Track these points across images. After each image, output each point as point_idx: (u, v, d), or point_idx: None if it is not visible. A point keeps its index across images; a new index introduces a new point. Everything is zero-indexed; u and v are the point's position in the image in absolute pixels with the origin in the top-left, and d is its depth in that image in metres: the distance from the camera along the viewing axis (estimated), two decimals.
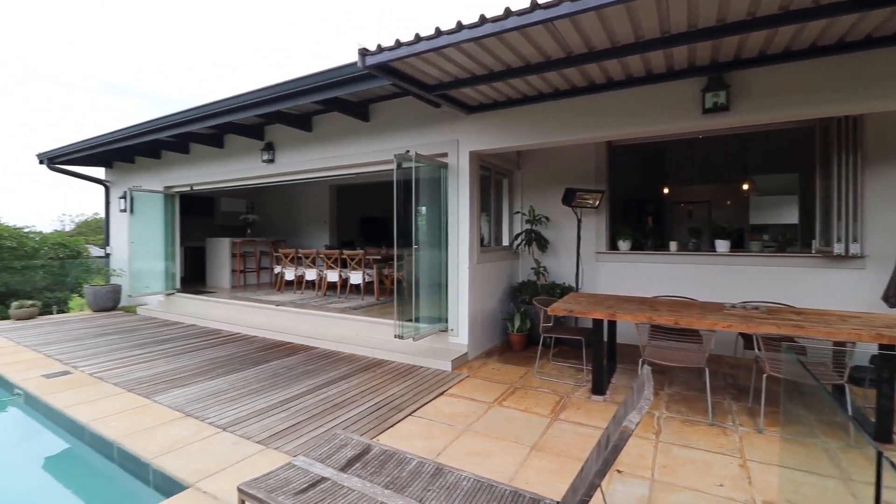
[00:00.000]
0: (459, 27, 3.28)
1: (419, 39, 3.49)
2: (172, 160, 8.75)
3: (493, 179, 6.26)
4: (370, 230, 12.37)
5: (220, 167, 7.96)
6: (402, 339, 4.98)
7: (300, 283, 8.91)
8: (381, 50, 3.70)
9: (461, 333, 5.38)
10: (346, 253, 8.05)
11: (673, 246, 5.90)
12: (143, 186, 8.81)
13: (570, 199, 5.77)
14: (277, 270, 9.26)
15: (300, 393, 4.22)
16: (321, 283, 8.52)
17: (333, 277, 8.20)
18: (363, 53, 3.80)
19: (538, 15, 2.97)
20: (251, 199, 12.02)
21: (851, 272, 4.79)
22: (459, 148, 5.38)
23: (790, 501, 2.50)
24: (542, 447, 3.17)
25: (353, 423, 3.54)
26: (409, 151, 4.91)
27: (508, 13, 3.07)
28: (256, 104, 5.65)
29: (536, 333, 5.16)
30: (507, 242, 6.75)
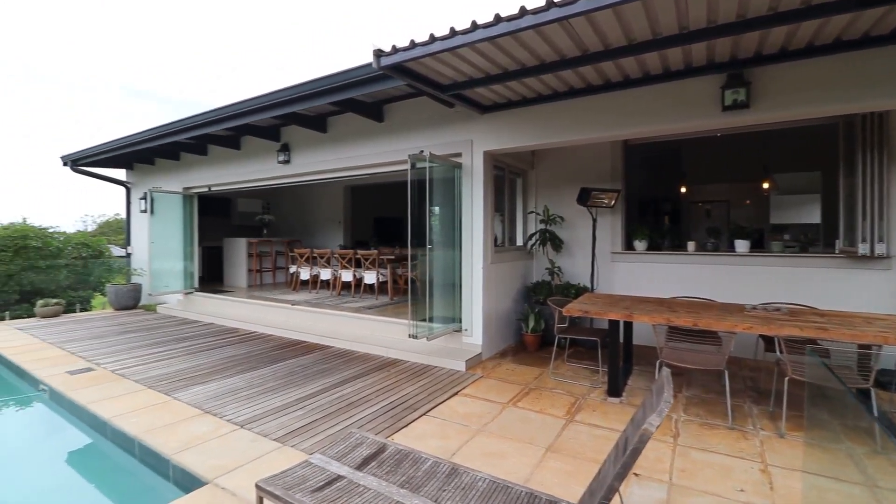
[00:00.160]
0: (474, 27, 3.28)
1: (434, 39, 3.49)
2: (191, 162, 8.91)
3: (506, 179, 6.24)
4: (384, 230, 12.43)
5: (237, 168, 8.08)
6: (416, 338, 5.00)
7: (315, 282, 9.00)
8: (395, 50, 3.72)
9: (475, 333, 5.37)
10: (360, 253, 8.11)
11: (691, 246, 5.80)
12: (162, 188, 8.99)
13: (585, 198, 5.72)
14: (293, 270, 9.37)
15: (315, 391, 4.26)
16: (336, 282, 8.60)
17: (348, 277, 8.26)
18: (378, 54, 3.82)
19: (554, 13, 2.95)
20: (267, 199, 12.16)
21: (877, 273, 4.65)
22: (473, 148, 5.38)
23: None
24: (557, 449, 3.15)
25: (367, 421, 3.57)
26: (423, 151, 4.92)
27: (524, 12, 3.05)
28: (273, 106, 5.73)
29: (551, 334, 5.12)
30: (521, 242, 6.72)
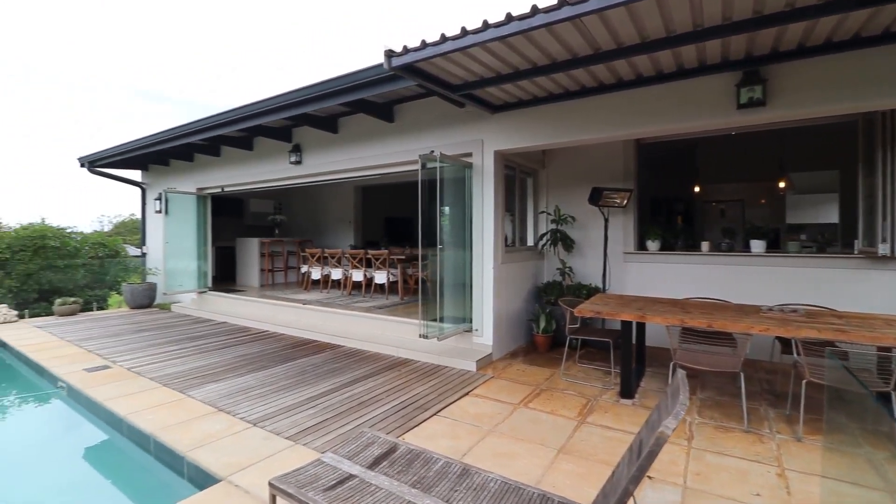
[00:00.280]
0: (486, 26, 3.27)
1: (445, 39, 3.49)
2: (204, 163, 9.03)
3: (517, 179, 6.21)
4: (395, 230, 12.46)
5: (249, 169, 8.17)
6: (426, 338, 5.00)
7: (326, 282, 9.06)
8: (406, 51, 3.72)
9: (486, 334, 5.36)
10: (370, 253, 8.14)
11: (705, 246, 5.72)
12: (177, 188, 9.13)
13: (596, 198, 5.68)
14: (304, 270, 9.44)
15: (327, 390, 4.29)
16: (346, 282, 8.64)
17: (358, 277, 8.30)
18: (389, 55, 3.83)
19: (566, 11, 2.92)
20: (279, 199, 12.27)
21: None
22: (484, 147, 5.36)
23: None
24: (569, 450, 3.12)
25: (378, 421, 3.58)
26: (433, 152, 4.92)
27: (535, 10, 3.03)
28: (285, 107, 5.78)
29: (562, 335, 5.09)
30: (531, 242, 6.69)
